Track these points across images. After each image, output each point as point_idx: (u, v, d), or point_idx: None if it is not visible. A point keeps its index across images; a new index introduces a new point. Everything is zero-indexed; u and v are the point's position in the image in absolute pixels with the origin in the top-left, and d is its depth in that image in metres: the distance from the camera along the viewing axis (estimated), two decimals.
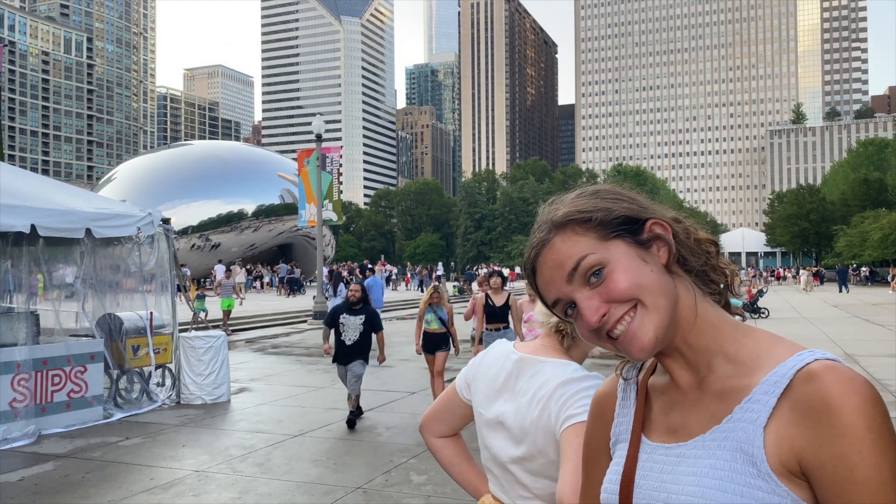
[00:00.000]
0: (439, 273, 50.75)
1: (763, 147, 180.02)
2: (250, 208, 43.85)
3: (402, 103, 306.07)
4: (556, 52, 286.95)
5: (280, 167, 47.12)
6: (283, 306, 27.92)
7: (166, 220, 10.30)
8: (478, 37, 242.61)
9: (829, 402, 0.89)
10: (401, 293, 41.74)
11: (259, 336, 19.58)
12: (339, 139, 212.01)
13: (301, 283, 39.00)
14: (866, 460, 0.86)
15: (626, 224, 1.05)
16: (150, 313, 10.07)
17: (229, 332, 18.55)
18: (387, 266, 50.77)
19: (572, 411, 1.71)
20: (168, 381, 10.37)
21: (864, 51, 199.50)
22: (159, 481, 6.28)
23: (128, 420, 9.00)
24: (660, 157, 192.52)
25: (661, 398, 1.10)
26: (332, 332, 8.68)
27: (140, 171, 43.40)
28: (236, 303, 23.07)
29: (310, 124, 26.26)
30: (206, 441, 7.86)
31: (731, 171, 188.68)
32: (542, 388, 1.82)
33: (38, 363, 8.44)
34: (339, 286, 23.44)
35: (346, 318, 8.56)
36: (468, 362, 2.09)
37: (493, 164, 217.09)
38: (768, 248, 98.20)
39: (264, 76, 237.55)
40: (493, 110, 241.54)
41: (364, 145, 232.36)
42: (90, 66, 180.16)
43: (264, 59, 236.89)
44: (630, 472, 1.06)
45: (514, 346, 1.99)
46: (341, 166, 27.48)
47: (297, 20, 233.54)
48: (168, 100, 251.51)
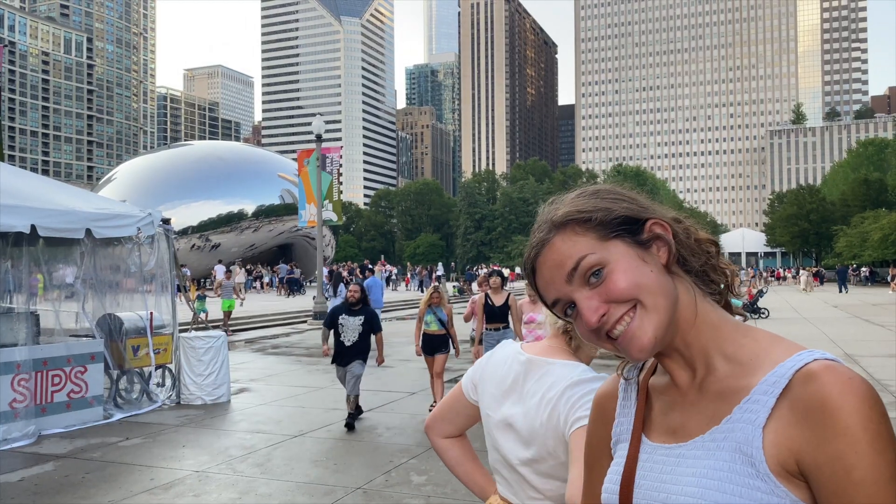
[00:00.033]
0: (439, 273, 50.70)
1: (763, 147, 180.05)
2: (250, 208, 43.86)
3: (402, 103, 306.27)
4: (556, 53, 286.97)
5: (280, 167, 47.11)
6: (282, 306, 27.91)
7: (166, 221, 10.31)
8: (478, 37, 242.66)
9: (827, 402, 0.89)
10: (401, 293, 41.75)
11: (259, 336, 19.57)
12: (339, 139, 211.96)
13: (301, 284, 39.01)
14: (864, 461, 0.86)
15: (626, 224, 1.04)
16: (150, 313, 10.07)
17: (229, 333, 18.55)
18: (387, 266, 50.77)
19: (581, 413, 1.70)
20: (168, 382, 10.37)
21: (864, 51, 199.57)
22: (159, 482, 6.29)
23: (128, 420, 9.01)
24: (660, 157, 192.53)
25: (662, 398, 1.10)
26: (332, 333, 8.66)
27: (140, 171, 43.41)
28: (237, 303, 23.08)
29: (310, 124, 26.26)
30: (207, 441, 7.86)
31: (731, 171, 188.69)
32: (550, 390, 1.81)
33: (39, 363, 8.44)
34: (339, 286, 23.44)
35: (344, 319, 8.54)
36: (470, 362, 2.09)
37: (493, 164, 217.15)
38: (768, 249, 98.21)
39: (264, 76, 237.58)
40: (493, 110, 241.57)
41: (364, 145, 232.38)
42: (90, 67, 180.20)
43: (264, 60, 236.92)
44: (630, 473, 1.06)
45: (521, 348, 1.97)
46: (341, 166, 27.45)
47: (297, 20, 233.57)
48: (168, 100, 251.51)
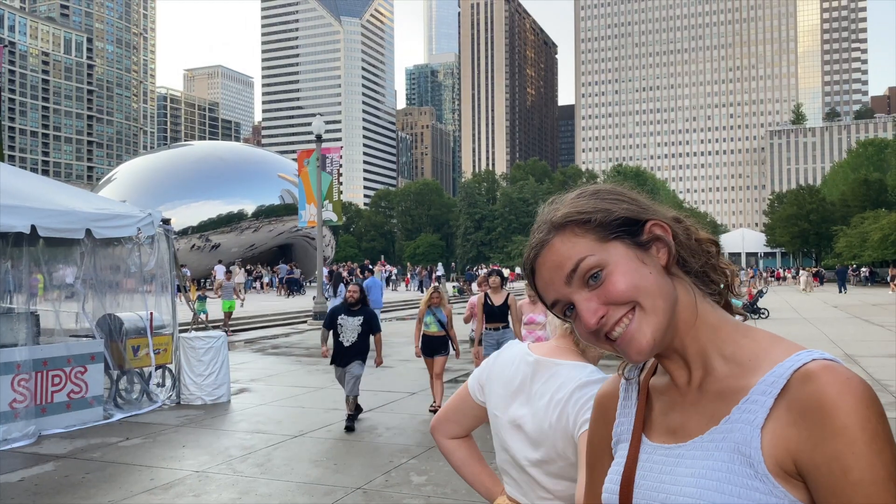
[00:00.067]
0: (439, 273, 50.69)
1: (763, 147, 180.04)
2: (250, 209, 43.86)
3: (402, 104, 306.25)
4: (556, 53, 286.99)
5: (280, 167, 47.12)
6: (282, 307, 27.92)
7: (166, 221, 10.31)
8: (478, 37, 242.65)
9: (824, 402, 0.89)
10: (401, 293, 41.76)
11: (259, 336, 19.57)
12: (339, 139, 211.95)
13: (301, 284, 39.01)
14: (861, 461, 0.86)
15: (626, 225, 1.04)
16: (151, 314, 10.07)
17: (229, 333, 18.55)
18: (387, 266, 50.79)
19: (590, 415, 1.70)
20: (168, 382, 10.37)
21: (864, 51, 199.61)
22: (159, 482, 6.29)
23: (128, 420, 9.00)
24: (660, 157, 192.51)
25: (662, 398, 1.10)
26: (330, 333, 8.63)
27: (140, 171, 43.40)
28: (237, 304, 23.07)
29: (310, 125, 26.26)
30: (207, 441, 7.87)
31: (731, 171, 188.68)
32: (559, 392, 1.81)
33: (39, 364, 8.44)
34: (339, 286, 23.46)
35: (344, 319, 8.52)
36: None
37: (493, 164, 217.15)
38: (768, 249, 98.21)
39: (264, 76, 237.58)
40: (492, 111, 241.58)
41: (364, 146, 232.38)
42: (90, 67, 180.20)
43: (264, 60, 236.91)
44: (630, 473, 1.06)
45: (528, 348, 1.97)
46: (341, 167, 27.44)
47: (297, 20, 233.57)
48: (168, 100, 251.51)
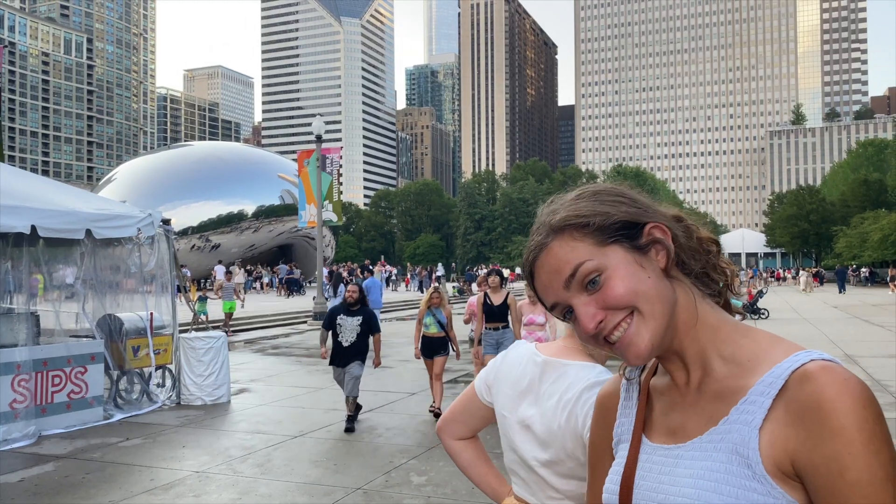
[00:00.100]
0: (439, 274, 50.69)
1: (763, 148, 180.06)
2: (250, 209, 43.88)
3: (402, 104, 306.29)
4: (555, 53, 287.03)
5: (280, 168, 47.13)
6: (282, 307, 27.92)
7: (166, 221, 10.31)
8: (478, 38, 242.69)
9: (822, 403, 0.88)
10: (400, 294, 41.77)
11: (259, 337, 19.57)
12: (339, 140, 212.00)
13: (300, 284, 39.02)
14: (858, 462, 0.86)
15: (625, 229, 1.04)
16: (151, 314, 10.07)
17: (229, 334, 18.55)
18: (386, 267, 50.79)
19: None
20: (168, 382, 10.37)
21: (864, 51, 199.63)
22: (159, 482, 6.29)
23: (128, 421, 9.00)
24: (660, 157, 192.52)
25: (663, 399, 1.10)
26: (329, 334, 8.61)
27: (140, 171, 43.42)
28: (237, 305, 23.07)
29: (310, 125, 26.26)
30: (207, 442, 7.87)
31: (731, 171, 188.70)
32: (567, 392, 1.80)
33: (39, 364, 8.44)
34: (339, 287, 23.46)
35: (343, 320, 8.51)
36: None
37: (493, 164, 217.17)
38: (768, 249, 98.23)
39: (264, 77, 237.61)
40: (492, 111, 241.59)
41: (364, 146, 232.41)
42: (90, 67, 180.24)
43: (264, 60, 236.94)
44: (630, 473, 1.07)
45: (536, 348, 1.96)
46: (341, 167, 27.44)
47: (297, 21, 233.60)
48: (168, 100, 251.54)
